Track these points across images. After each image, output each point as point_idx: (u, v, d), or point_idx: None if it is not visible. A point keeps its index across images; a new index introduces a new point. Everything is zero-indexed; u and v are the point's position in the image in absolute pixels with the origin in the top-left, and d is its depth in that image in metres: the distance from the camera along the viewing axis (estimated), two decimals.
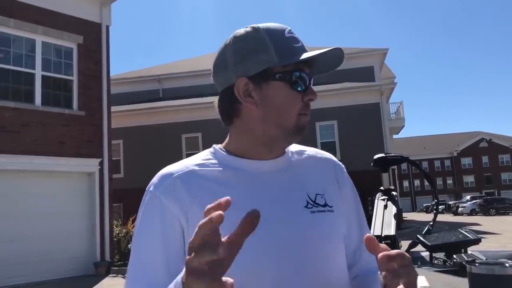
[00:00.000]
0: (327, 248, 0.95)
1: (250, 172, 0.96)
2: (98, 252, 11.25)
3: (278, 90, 0.93)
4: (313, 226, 0.95)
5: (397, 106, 27.44)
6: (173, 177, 0.95)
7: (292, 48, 0.94)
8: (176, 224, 0.91)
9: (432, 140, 76.08)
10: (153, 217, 0.93)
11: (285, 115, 0.94)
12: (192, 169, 0.96)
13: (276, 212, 0.92)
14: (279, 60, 0.92)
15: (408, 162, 2.43)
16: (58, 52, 11.46)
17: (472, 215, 36.62)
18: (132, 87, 25.49)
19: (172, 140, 21.01)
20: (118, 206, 17.74)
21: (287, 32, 0.96)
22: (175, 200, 0.92)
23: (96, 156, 11.67)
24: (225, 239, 0.61)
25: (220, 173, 0.95)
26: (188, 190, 0.92)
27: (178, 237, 0.92)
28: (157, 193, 0.94)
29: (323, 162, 1.09)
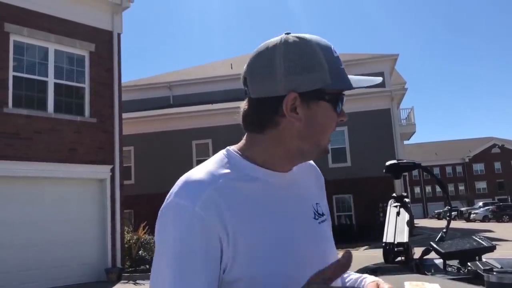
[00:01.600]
0: (331, 257, 0.99)
1: (271, 184, 0.95)
2: (110, 258, 11.29)
3: (325, 111, 0.92)
4: (323, 237, 0.99)
5: (408, 112, 27.29)
6: (209, 189, 0.86)
7: (341, 70, 0.94)
8: (218, 244, 0.85)
9: (443, 146, 75.46)
10: (193, 235, 0.84)
11: (324, 135, 0.95)
12: (224, 180, 0.89)
13: (297, 224, 0.95)
14: (332, 82, 0.91)
15: (421, 169, 2.41)
16: (71, 60, 11.60)
17: (485, 221, 36.20)
18: (143, 94, 25.67)
19: (182, 147, 21.09)
20: (129, 212, 17.81)
21: (334, 50, 0.95)
22: (217, 216, 0.84)
23: (108, 163, 11.75)
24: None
25: (248, 184, 0.92)
26: (227, 204, 0.86)
27: (218, 254, 0.85)
28: (197, 209, 0.84)
29: (312, 171, 1.11)
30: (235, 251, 0.85)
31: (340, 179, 19.46)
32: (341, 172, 19.92)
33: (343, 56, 22.88)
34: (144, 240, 12.34)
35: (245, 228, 0.86)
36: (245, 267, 0.85)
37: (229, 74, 24.95)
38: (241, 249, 0.85)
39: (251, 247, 0.86)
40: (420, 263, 2.91)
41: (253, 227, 0.87)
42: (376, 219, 18.61)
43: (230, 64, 26.77)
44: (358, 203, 19.99)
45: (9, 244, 9.84)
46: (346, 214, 20.28)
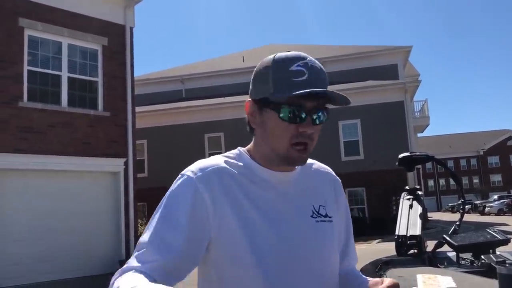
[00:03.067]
0: (326, 253, 1.11)
1: (267, 181, 1.08)
2: (123, 250, 11.43)
3: (272, 118, 1.04)
4: (317, 234, 1.10)
5: (422, 104, 27.03)
6: (208, 169, 1.06)
7: (290, 82, 1.01)
8: (204, 211, 1.01)
9: (457, 138, 74.65)
10: (186, 197, 1.02)
11: (276, 142, 1.05)
12: (224, 167, 1.07)
13: (287, 218, 1.07)
14: (274, 92, 1.02)
15: (434, 161, 2.38)
16: (84, 54, 11.68)
17: (500, 214, 35.79)
18: (156, 88, 25.77)
19: (195, 140, 21.16)
20: (143, 205, 17.96)
21: (297, 65, 1.02)
22: (209, 190, 1.02)
23: (121, 156, 11.84)
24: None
25: (244, 175, 1.07)
26: (220, 186, 1.03)
27: (203, 223, 1.01)
28: (194, 179, 1.03)
29: (325, 176, 1.22)
30: (219, 229, 1.02)
31: (353, 172, 19.38)
32: (354, 165, 19.83)
33: (356, 48, 22.88)
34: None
35: (231, 211, 1.02)
36: (228, 247, 1.02)
37: (241, 67, 24.91)
38: (225, 229, 1.02)
39: (234, 231, 1.01)
40: (432, 256, 2.89)
41: (239, 213, 1.02)
42: (389, 212, 18.52)
43: (242, 57, 26.71)
44: (371, 196, 19.90)
45: (24, 237, 10.01)
46: (359, 207, 20.21)
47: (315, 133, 1.04)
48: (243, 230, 1.01)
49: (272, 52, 1.10)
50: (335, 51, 24.52)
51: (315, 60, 1.07)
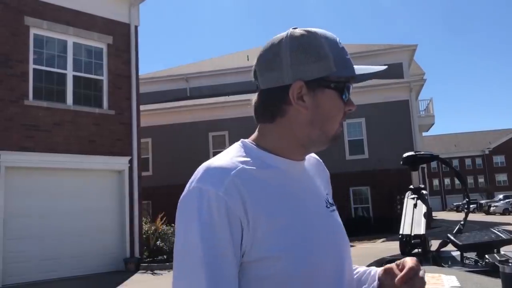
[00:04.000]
0: (346, 243, 1.05)
1: (285, 172, 0.98)
2: (128, 248, 11.46)
3: (330, 99, 0.96)
4: (334, 224, 1.03)
5: (427, 103, 26.94)
6: (231, 175, 0.89)
7: (346, 60, 0.98)
8: (240, 228, 0.87)
9: (463, 137, 74.33)
10: (218, 219, 0.85)
11: (331, 123, 0.98)
12: (242, 167, 0.91)
13: (312, 211, 0.98)
14: (337, 70, 0.95)
15: (438, 161, 2.37)
16: (89, 53, 11.73)
17: (505, 214, 35.62)
18: (160, 86, 25.81)
19: (199, 138, 21.18)
20: (147, 203, 18.00)
21: (339, 42, 1.00)
22: (239, 201, 0.87)
23: (126, 154, 11.88)
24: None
25: (263, 171, 0.94)
26: (249, 191, 0.88)
27: (240, 238, 0.87)
28: (220, 194, 0.86)
29: (319, 165, 1.15)
30: (254, 236, 0.87)
31: (358, 171, 19.34)
32: (359, 164, 19.79)
33: (361, 47, 22.92)
34: (161, 231, 12.48)
35: (263, 213, 0.89)
36: (262, 250, 0.87)
37: (246, 65, 24.90)
38: (259, 234, 0.87)
39: (268, 232, 0.88)
40: (437, 255, 2.89)
41: (271, 212, 0.90)
42: (394, 211, 18.48)
43: (247, 55, 26.70)
44: (376, 195, 19.85)
45: (30, 235, 10.06)
46: (363, 206, 20.17)
47: None
48: (271, 233, 0.89)
49: None
50: None
51: None
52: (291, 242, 0.89)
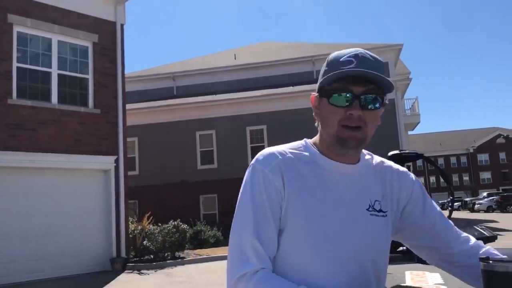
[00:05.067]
0: (377, 244, 1.18)
1: (329, 170, 1.17)
2: (114, 248, 11.38)
3: (324, 105, 1.16)
4: (369, 227, 1.16)
5: (412, 102, 27.15)
6: (277, 159, 1.16)
7: (338, 70, 1.11)
8: (278, 194, 1.13)
9: (448, 136, 75.16)
10: (263, 187, 1.13)
11: (327, 125, 1.16)
12: (289, 156, 1.17)
13: (346, 208, 1.14)
14: (325, 82, 1.14)
15: (423, 159, 2.39)
16: (74, 51, 11.60)
17: (489, 212, 36.18)
18: (147, 85, 25.64)
19: (186, 137, 21.10)
20: (134, 203, 17.89)
21: (348, 56, 1.14)
22: (279, 177, 1.14)
23: (112, 154, 11.79)
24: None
25: (309, 164, 1.17)
26: (287, 172, 1.14)
27: (279, 204, 1.13)
28: (266, 171, 1.14)
29: (385, 170, 1.26)
30: (287, 208, 1.13)
31: None
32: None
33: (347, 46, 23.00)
34: (148, 231, 12.42)
35: (297, 195, 1.13)
36: (290, 224, 1.12)
37: (233, 64, 24.88)
38: (290, 210, 1.12)
39: (295, 211, 1.12)
40: None
41: (301, 201, 1.12)
42: None
43: (234, 54, 26.66)
44: None
45: (15, 235, 9.94)
46: None
47: (368, 117, 1.12)
48: (302, 212, 1.11)
49: (264, 50, 1.14)
50: (327, 49, 24.57)
51: (372, 53, 1.16)
52: (307, 220, 1.11)
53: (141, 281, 9.57)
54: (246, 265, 1.08)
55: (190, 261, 12.02)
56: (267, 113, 20.66)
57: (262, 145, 19.70)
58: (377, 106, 1.13)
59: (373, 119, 1.14)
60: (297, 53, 25.35)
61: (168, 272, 10.57)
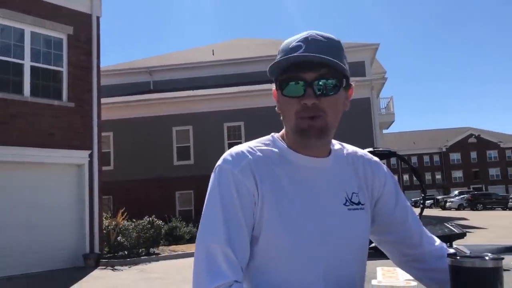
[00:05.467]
0: (358, 242, 1.10)
1: (301, 166, 1.08)
2: (87, 244, 11.23)
3: (279, 98, 1.08)
4: (348, 222, 1.08)
5: (387, 101, 27.53)
6: (247, 159, 1.06)
7: (285, 58, 1.02)
8: (251, 197, 1.03)
9: (421, 135, 76.58)
10: (232, 190, 1.03)
11: (285, 117, 1.08)
12: (259, 155, 1.07)
13: (320, 204, 1.06)
14: (274, 73, 1.06)
15: (396, 157, 2.44)
16: (48, 43, 11.35)
17: (460, 209, 37.03)
18: (123, 79, 25.29)
19: (162, 133, 20.92)
20: (108, 198, 17.66)
21: (297, 41, 1.04)
22: (251, 178, 1.04)
23: (86, 148, 11.61)
24: None
25: (279, 162, 1.08)
26: (258, 172, 1.05)
27: (252, 207, 1.03)
28: (235, 172, 1.04)
29: (358, 160, 1.18)
30: (261, 214, 1.03)
31: None
32: None
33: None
34: (122, 226, 12.29)
35: (268, 202, 1.03)
36: (265, 230, 1.03)
37: (211, 60, 24.74)
38: (265, 214, 1.03)
39: (270, 216, 1.03)
40: None
41: (275, 203, 1.03)
42: None
43: (212, 50, 26.53)
44: None
45: None
46: None
47: (326, 105, 1.02)
48: (277, 217, 1.03)
49: (243, 46, 1.12)
50: None
51: (325, 33, 1.07)
52: (283, 226, 1.02)
53: (114, 277, 9.46)
54: (218, 277, 0.96)
55: (165, 257, 11.95)
56: (245, 109, 20.64)
57: (240, 142, 19.66)
58: (334, 92, 1.03)
59: (333, 106, 1.03)
60: (276, 50, 25.04)
61: (143, 268, 10.49)
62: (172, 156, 20.83)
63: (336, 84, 1.03)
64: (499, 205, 34.62)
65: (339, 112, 1.07)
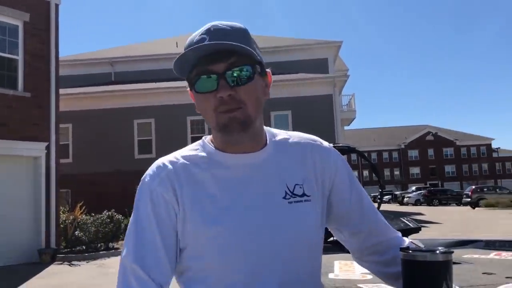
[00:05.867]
0: (302, 236, 1.02)
1: (232, 166, 1.03)
2: (43, 239, 10.92)
3: (195, 98, 1.02)
4: (289, 216, 1.00)
5: (349, 98, 28.00)
6: (167, 170, 1.03)
7: (190, 53, 0.97)
8: (170, 210, 1.00)
9: (381, 132, 78.44)
10: (150, 204, 1.01)
11: (206, 116, 1.02)
12: (182, 162, 1.04)
13: (254, 202, 1.00)
14: (180, 72, 1.01)
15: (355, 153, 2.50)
16: (2, 30, 10.90)
17: (417, 205, 38.22)
18: (83, 70, 24.65)
19: (123, 126, 20.54)
20: (66, 192, 17.22)
21: (200, 34, 0.99)
22: (169, 190, 1.01)
23: (43, 140, 11.25)
24: None
25: (206, 167, 1.03)
26: (178, 182, 1.01)
27: (172, 221, 1.01)
28: (154, 184, 1.02)
29: (305, 148, 1.10)
30: (184, 222, 0.99)
31: None
32: None
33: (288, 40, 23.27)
34: (81, 220, 12.00)
35: (193, 212, 0.99)
36: (191, 238, 0.99)
37: (174, 52, 24.40)
38: (189, 222, 0.99)
39: (196, 221, 0.98)
40: None
41: (200, 213, 0.98)
42: None
43: (176, 42, 26.20)
44: None
45: None
46: None
47: (243, 94, 0.96)
48: (202, 223, 0.98)
49: None
50: (268, 42, 24.76)
51: (229, 22, 1.01)
52: (213, 229, 0.97)
53: (71, 273, 9.24)
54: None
55: None
56: None
57: (203, 135, 19.55)
58: (249, 80, 0.97)
59: (251, 95, 0.98)
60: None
61: (101, 263, 10.28)
62: (133, 150, 20.50)
63: (249, 71, 0.98)
64: (454, 201, 35.92)
65: (259, 101, 1.01)
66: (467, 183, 58.17)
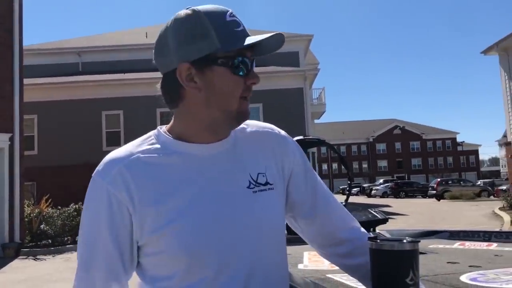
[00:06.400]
0: (269, 225, 1.01)
1: (193, 156, 0.98)
2: (7, 233, 10.64)
3: (221, 76, 0.95)
4: (254, 205, 0.99)
5: (319, 92, 28.27)
6: (119, 166, 0.96)
7: (234, 32, 0.95)
8: (124, 210, 0.95)
9: (350, 125, 79.59)
10: (101, 205, 0.96)
11: (228, 100, 0.96)
12: (136, 156, 0.97)
13: (219, 193, 0.97)
14: (221, 46, 0.93)
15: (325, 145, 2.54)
16: None
17: (384, 197, 39.02)
18: (50, 59, 23.95)
19: (91, 117, 20.12)
20: (31, 184, 16.77)
21: (229, 15, 0.96)
22: (122, 188, 0.94)
23: (6, 131, 10.92)
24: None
25: (163, 158, 0.97)
26: (133, 178, 0.94)
27: (126, 222, 0.96)
28: (104, 183, 0.95)
29: (264, 136, 1.10)
30: (142, 220, 0.94)
31: None
32: None
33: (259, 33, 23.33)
34: (46, 214, 11.72)
35: (152, 200, 0.93)
36: (151, 232, 0.94)
37: (144, 43, 24.01)
38: (148, 220, 0.93)
39: (157, 217, 0.93)
40: None
41: (160, 199, 0.93)
42: None
43: (145, 32, 25.76)
44: None
45: None
46: None
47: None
48: (159, 218, 0.93)
49: None
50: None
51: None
52: (177, 223, 0.92)
53: (35, 267, 9.02)
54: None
55: None
56: None
57: None
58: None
59: None
60: None
61: (68, 257, 10.08)
62: (101, 141, 20.12)
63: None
64: (420, 193, 36.81)
65: None
66: (433, 176, 59.76)
